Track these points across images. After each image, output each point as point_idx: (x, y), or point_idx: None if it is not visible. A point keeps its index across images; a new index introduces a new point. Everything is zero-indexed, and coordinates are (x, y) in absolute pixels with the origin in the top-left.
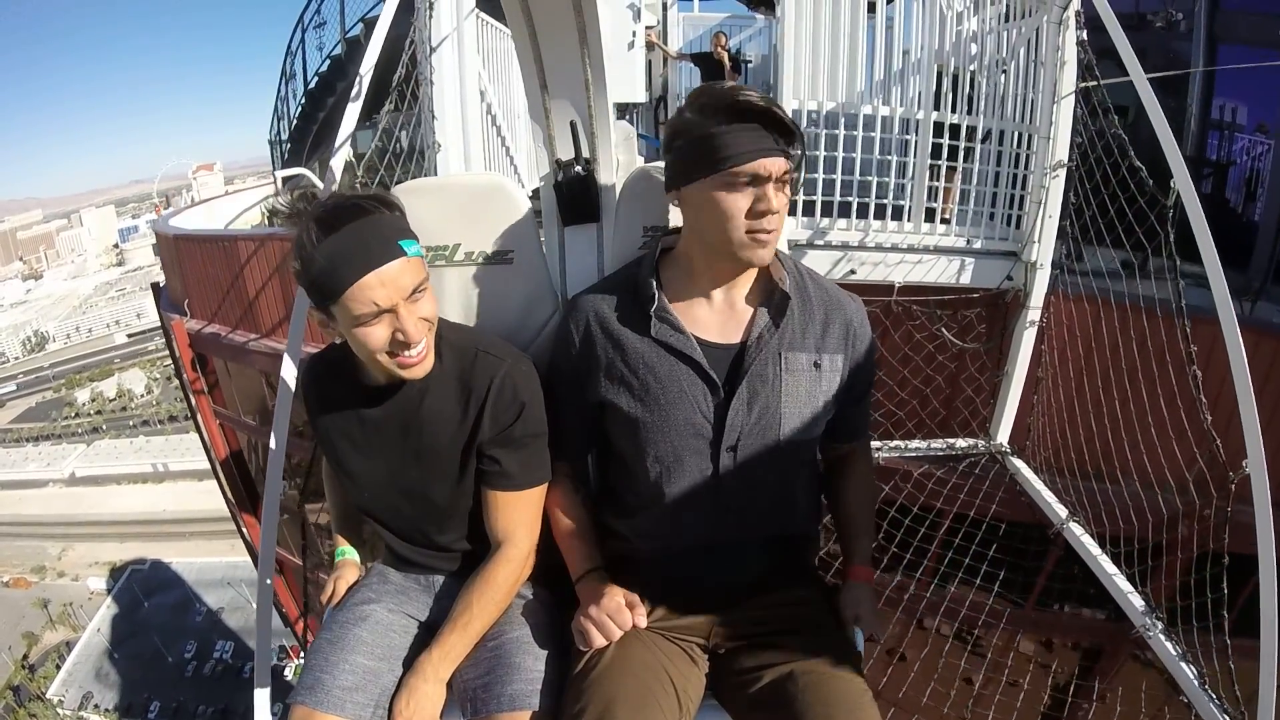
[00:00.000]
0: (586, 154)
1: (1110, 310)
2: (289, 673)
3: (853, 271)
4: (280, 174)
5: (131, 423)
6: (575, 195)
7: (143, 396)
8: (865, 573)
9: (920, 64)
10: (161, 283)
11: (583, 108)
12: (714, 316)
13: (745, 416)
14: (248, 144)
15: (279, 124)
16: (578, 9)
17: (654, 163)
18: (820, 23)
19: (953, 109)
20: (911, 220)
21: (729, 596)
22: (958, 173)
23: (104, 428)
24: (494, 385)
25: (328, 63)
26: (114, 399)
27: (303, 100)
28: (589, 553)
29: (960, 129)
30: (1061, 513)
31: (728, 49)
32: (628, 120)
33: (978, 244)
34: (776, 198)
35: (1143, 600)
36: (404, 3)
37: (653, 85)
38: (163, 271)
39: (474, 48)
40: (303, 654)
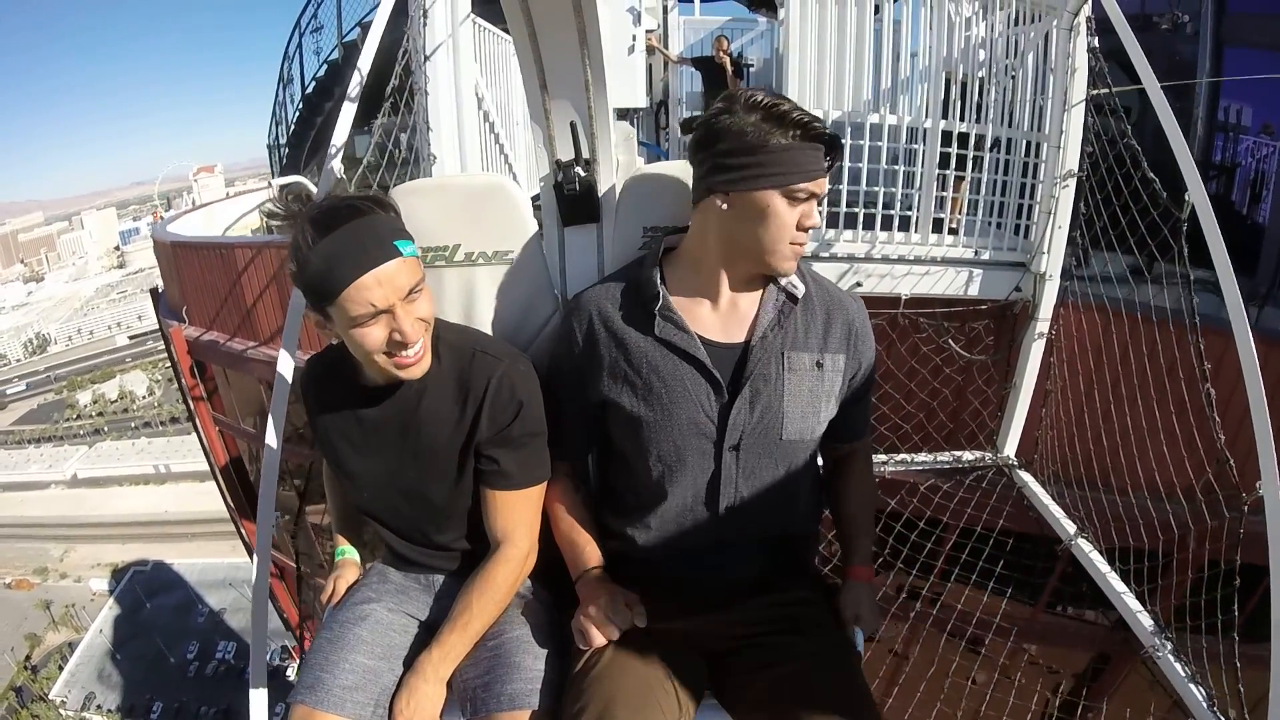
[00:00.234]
0: (586, 154)
1: (1121, 321)
2: (291, 673)
3: (859, 284)
4: (277, 181)
5: (133, 424)
6: (575, 195)
7: (144, 398)
8: (865, 572)
9: (928, 71)
10: (161, 288)
11: (583, 108)
12: (717, 316)
13: (748, 416)
14: (248, 146)
15: (277, 129)
16: (578, 9)
17: (654, 163)
18: (826, 29)
19: (961, 117)
20: (919, 231)
21: (729, 596)
22: (966, 182)
23: (106, 429)
24: (492, 385)
25: (325, 68)
26: (115, 401)
27: (300, 106)
28: (589, 552)
29: (969, 137)
30: (1070, 528)
31: (730, 53)
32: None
33: (986, 255)
34: (816, 212)
35: (1152, 620)
36: (398, 10)
37: (653, 90)
38: (161, 278)
39: (470, 55)
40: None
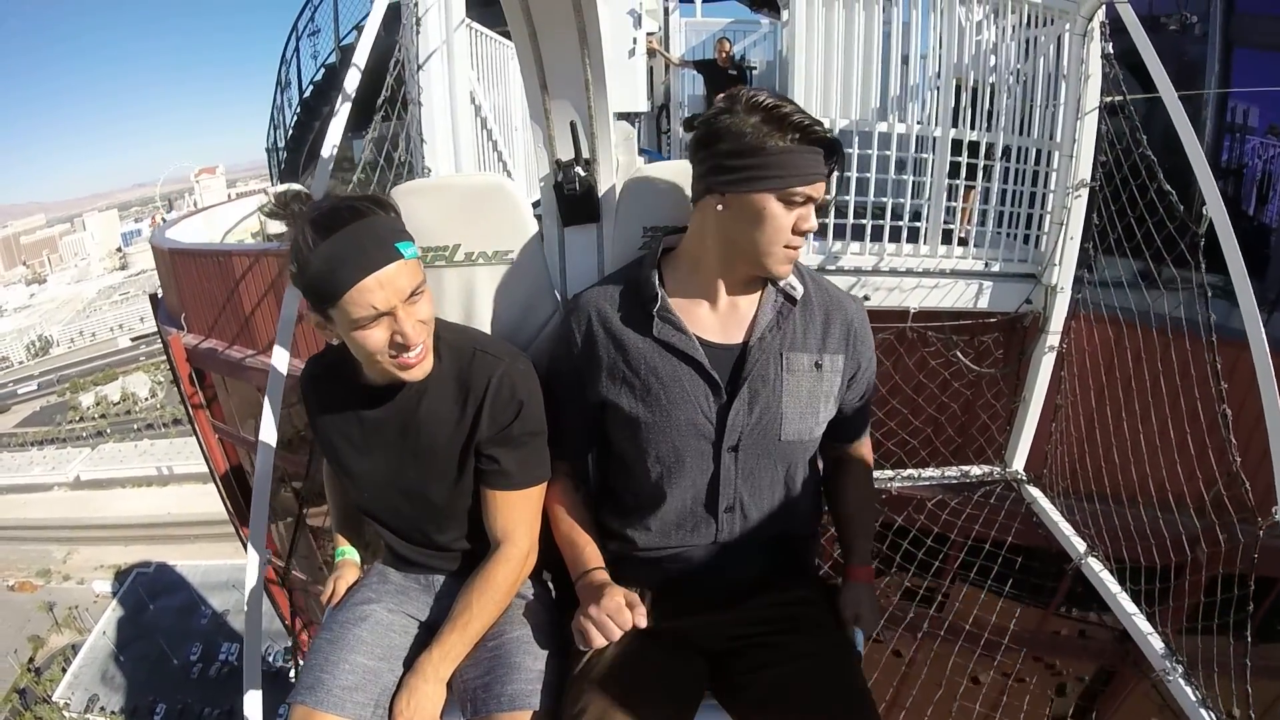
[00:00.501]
0: (586, 154)
1: (1135, 333)
2: (294, 674)
3: (867, 297)
4: (274, 189)
5: (136, 426)
6: (575, 195)
7: (147, 400)
8: (865, 572)
9: (938, 77)
10: (160, 294)
11: (583, 108)
12: (716, 316)
13: (747, 417)
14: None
15: (275, 133)
16: (578, 9)
17: (654, 163)
18: (832, 32)
19: (971, 125)
20: (928, 243)
21: (729, 596)
22: (975, 191)
23: (108, 431)
24: (492, 384)
25: (322, 72)
26: (118, 402)
27: (298, 109)
28: (589, 552)
29: (980, 146)
30: (1079, 547)
31: (732, 55)
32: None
33: (996, 267)
34: (814, 217)
35: (1163, 643)
36: (391, 17)
37: (654, 93)
38: (159, 284)
39: (464, 63)
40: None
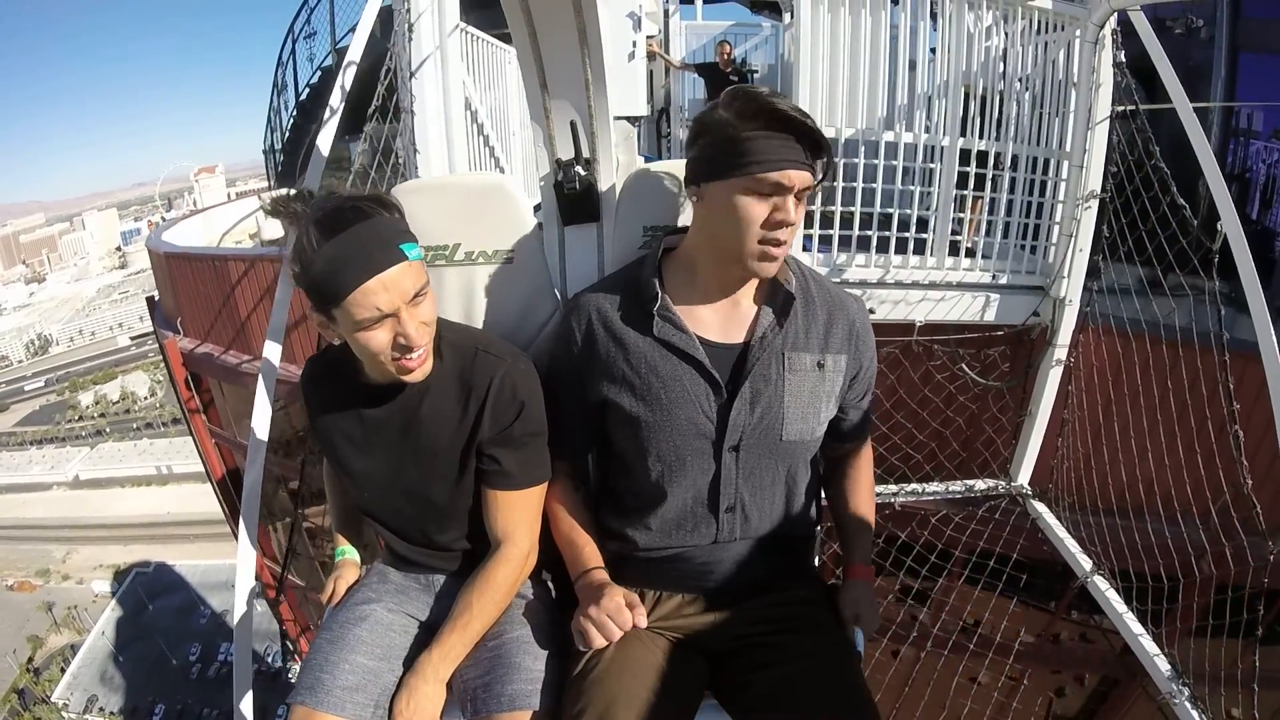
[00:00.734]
0: (586, 154)
1: (1144, 346)
2: (293, 675)
3: (871, 310)
4: (268, 196)
5: (135, 425)
6: (575, 195)
7: (146, 399)
8: (865, 572)
9: (946, 85)
10: (157, 297)
11: (583, 108)
12: (717, 316)
13: (748, 417)
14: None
15: (273, 136)
16: (578, 9)
17: (654, 162)
18: (838, 39)
19: (980, 134)
20: (934, 254)
21: (729, 596)
22: (983, 201)
23: (108, 430)
24: (494, 384)
25: (318, 74)
26: (117, 402)
27: (294, 113)
28: (589, 552)
29: (988, 155)
30: (1086, 564)
31: (733, 58)
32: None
33: (1003, 279)
34: (795, 211)
35: (1169, 664)
36: (385, 19)
37: (654, 97)
38: (156, 287)
39: (458, 70)
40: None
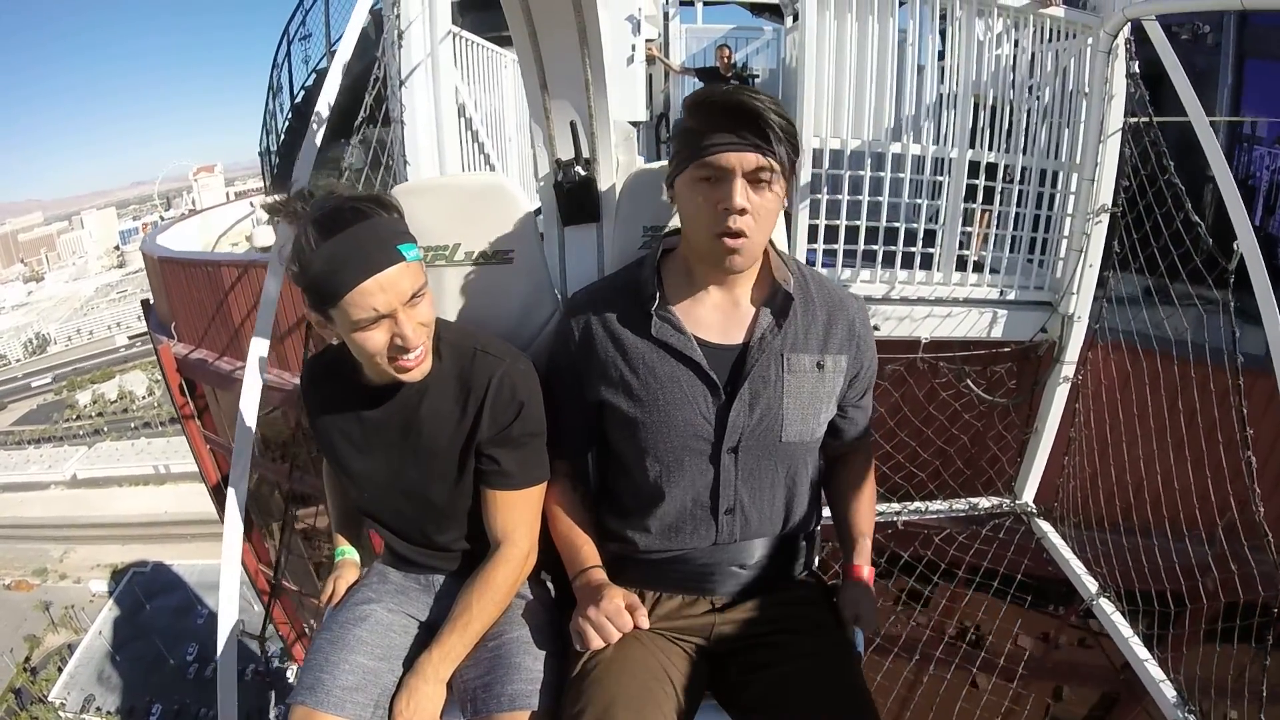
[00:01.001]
0: (586, 154)
1: (1153, 361)
2: (291, 674)
3: (876, 328)
4: (266, 200)
5: (133, 425)
6: (575, 195)
7: (144, 398)
8: (865, 571)
9: (955, 95)
10: (152, 300)
11: (583, 108)
12: (716, 316)
13: (747, 418)
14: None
15: (268, 138)
16: (578, 9)
17: (654, 162)
18: (844, 46)
19: (989, 146)
20: (941, 270)
21: (729, 597)
22: (992, 214)
23: (105, 430)
24: (493, 384)
25: (314, 76)
26: (115, 401)
27: (289, 115)
28: (586, 552)
29: (998, 168)
30: (1091, 586)
31: (734, 63)
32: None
33: (1011, 294)
34: (752, 196)
35: (1175, 690)
36: (378, 22)
37: (654, 102)
38: (150, 291)
39: (450, 76)
40: (283, 660)
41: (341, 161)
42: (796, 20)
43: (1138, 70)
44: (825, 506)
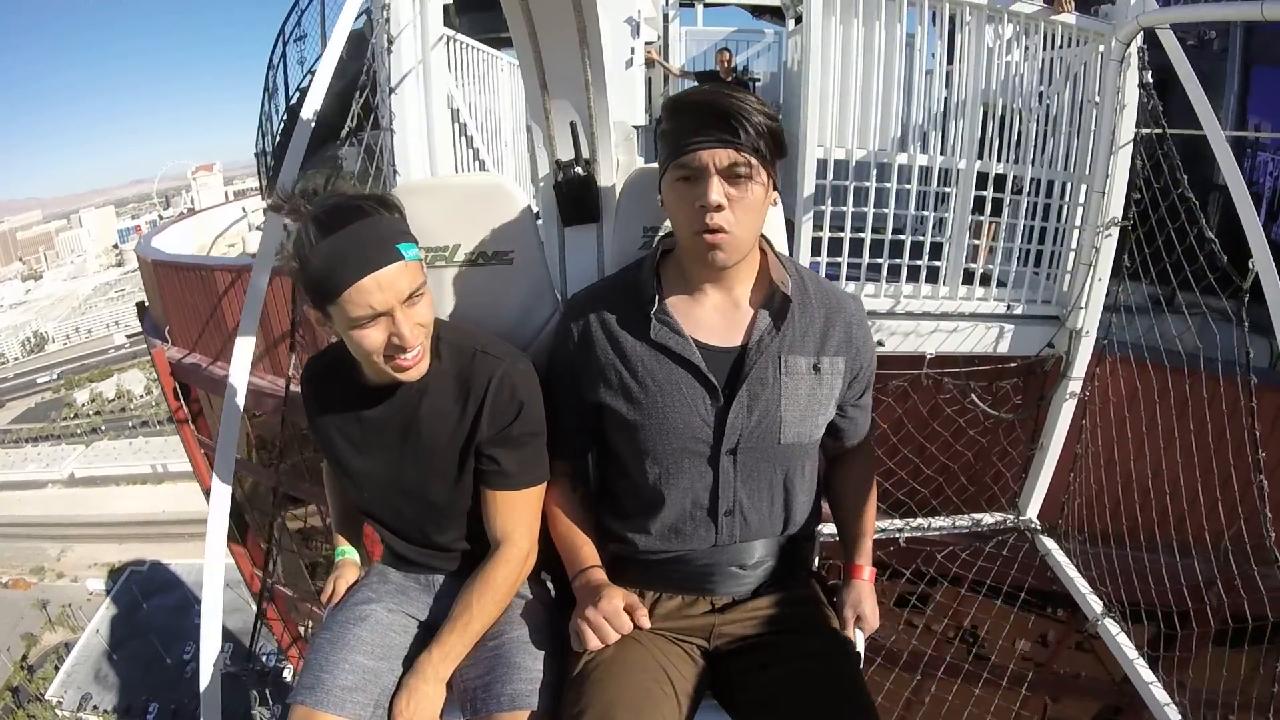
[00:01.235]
0: (586, 154)
1: (1163, 377)
2: (287, 674)
3: (881, 343)
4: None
5: (131, 423)
6: (575, 195)
7: (142, 397)
8: (866, 572)
9: (964, 104)
10: (147, 302)
11: (583, 108)
12: (714, 318)
13: (746, 420)
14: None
15: (263, 139)
16: (578, 9)
17: (653, 163)
18: (850, 52)
19: (998, 157)
20: (947, 283)
21: (729, 598)
22: (999, 226)
23: (103, 428)
24: (492, 385)
25: (309, 77)
26: (113, 400)
27: (284, 117)
28: (585, 552)
29: (1006, 179)
30: (1097, 606)
31: (734, 66)
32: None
33: (1018, 309)
34: (730, 192)
35: (1180, 715)
36: (359, 40)
37: (653, 106)
38: (145, 294)
39: (442, 84)
40: (278, 660)
41: (337, 162)
42: (798, 23)
43: (1150, 80)
44: (826, 507)
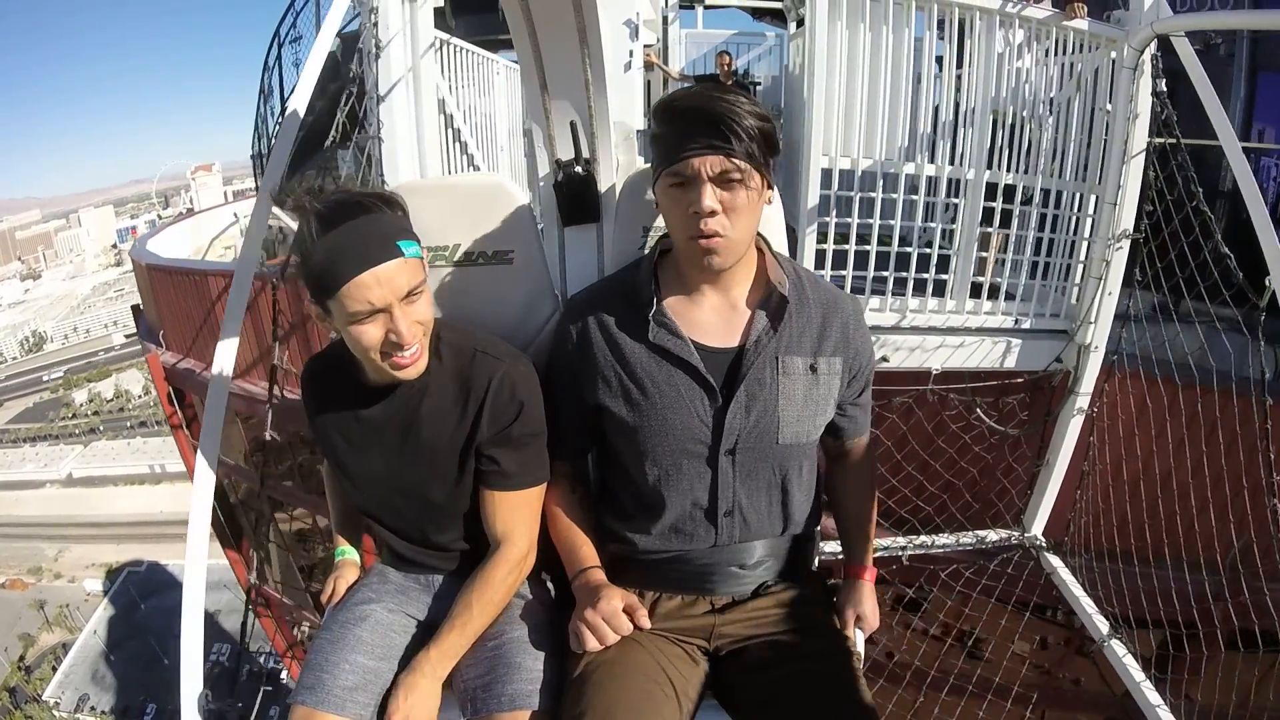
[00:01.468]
0: (586, 154)
1: (1174, 393)
2: (285, 676)
3: (885, 359)
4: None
5: (129, 424)
6: (575, 195)
7: (140, 397)
8: (866, 572)
9: (973, 113)
10: (142, 305)
11: (583, 108)
12: (712, 319)
13: (744, 420)
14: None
15: (259, 141)
16: (578, 9)
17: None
18: (855, 58)
19: (1008, 167)
20: (954, 298)
21: (730, 598)
22: (1007, 238)
23: (101, 428)
24: (493, 385)
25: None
26: (111, 400)
27: (280, 119)
28: (585, 553)
29: (1015, 190)
30: (1103, 627)
31: (734, 70)
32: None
33: (1026, 323)
34: (723, 196)
35: None
36: (349, 47)
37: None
38: (140, 297)
39: (432, 91)
40: (274, 660)
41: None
42: (800, 26)
43: (1164, 88)
44: (825, 506)
